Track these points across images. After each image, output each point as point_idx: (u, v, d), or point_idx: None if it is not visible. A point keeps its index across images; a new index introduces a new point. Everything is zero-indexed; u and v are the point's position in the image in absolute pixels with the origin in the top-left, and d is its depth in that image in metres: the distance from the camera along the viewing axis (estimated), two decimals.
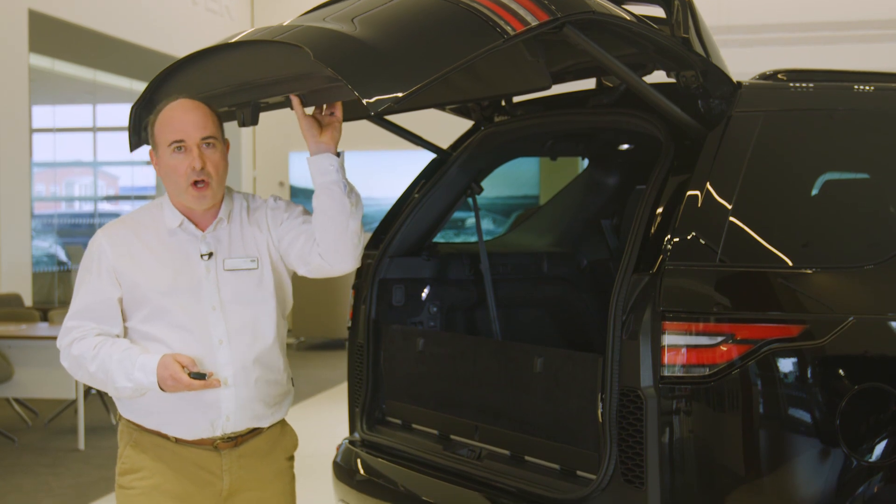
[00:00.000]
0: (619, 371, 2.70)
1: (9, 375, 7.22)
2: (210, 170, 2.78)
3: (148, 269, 2.82)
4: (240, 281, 2.84)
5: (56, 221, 15.87)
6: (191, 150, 2.76)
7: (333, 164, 2.78)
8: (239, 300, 2.83)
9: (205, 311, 2.79)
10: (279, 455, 2.97)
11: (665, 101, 2.87)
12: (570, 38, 2.62)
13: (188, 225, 2.85)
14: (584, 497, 2.78)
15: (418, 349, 3.57)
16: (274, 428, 2.95)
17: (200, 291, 2.80)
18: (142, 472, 2.84)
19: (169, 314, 2.78)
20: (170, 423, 2.81)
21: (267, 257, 2.89)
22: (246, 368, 2.80)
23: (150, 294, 2.79)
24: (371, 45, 2.48)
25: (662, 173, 2.89)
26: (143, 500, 2.84)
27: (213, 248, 2.84)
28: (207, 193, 2.79)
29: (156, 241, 2.85)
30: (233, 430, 2.82)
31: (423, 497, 3.32)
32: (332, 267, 2.84)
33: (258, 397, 2.83)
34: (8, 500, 5.98)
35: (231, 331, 2.80)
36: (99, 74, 13.81)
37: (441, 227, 3.92)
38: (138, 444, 2.86)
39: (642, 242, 2.78)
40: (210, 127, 2.80)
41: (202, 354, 2.76)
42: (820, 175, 3.08)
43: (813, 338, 2.66)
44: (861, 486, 2.67)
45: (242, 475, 2.87)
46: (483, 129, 3.81)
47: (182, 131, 2.77)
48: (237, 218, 2.91)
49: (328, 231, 2.80)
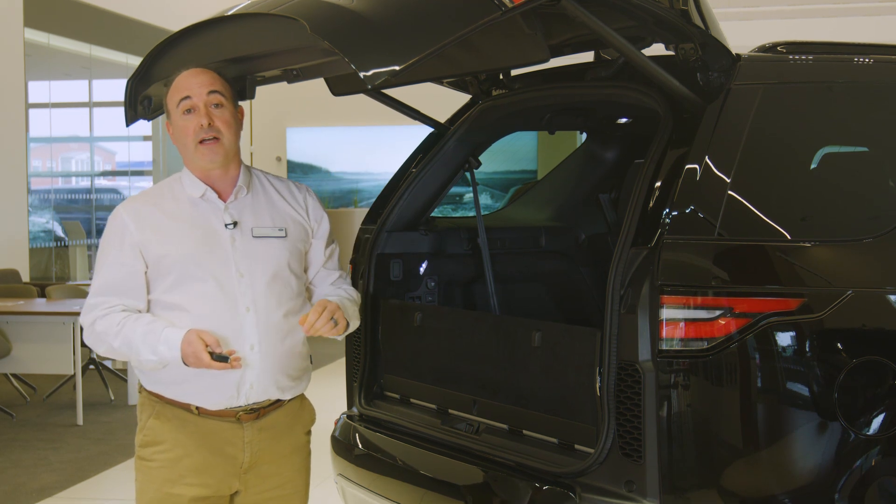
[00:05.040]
0: (617, 345, 2.70)
1: (7, 351, 7.23)
2: (219, 125, 2.81)
3: (173, 238, 2.82)
4: (267, 248, 2.86)
5: (53, 197, 15.82)
6: (198, 109, 2.79)
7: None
8: (265, 267, 2.85)
9: (231, 278, 2.81)
10: (299, 429, 3.00)
11: (664, 73, 2.85)
12: (567, 11, 2.60)
13: (211, 194, 2.87)
14: (583, 470, 2.79)
15: (416, 324, 3.57)
16: (294, 402, 2.97)
17: (226, 259, 2.82)
18: (163, 445, 2.85)
19: (195, 282, 2.79)
20: (194, 392, 2.82)
21: (298, 232, 2.94)
22: (271, 336, 2.82)
23: (176, 263, 2.80)
24: (367, 18, 2.47)
25: (661, 147, 2.88)
26: (163, 472, 2.85)
27: (237, 217, 2.86)
28: (218, 149, 2.81)
29: (178, 212, 2.86)
30: (256, 398, 2.84)
31: (422, 471, 3.33)
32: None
33: (281, 366, 2.85)
34: (7, 475, 6.00)
35: (258, 298, 2.82)
36: (95, 49, 13.73)
37: (439, 202, 3.91)
38: (160, 416, 2.87)
39: (640, 216, 2.77)
40: (216, 84, 2.83)
41: (228, 321, 2.78)
42: (819, 148, 3.07)
43: (811, 311, 2.66)
44: (859, 459, 2.68)
45: (263, 447, 2.89)
46: (481, 103, 3.79)
47: (188, 88, 2.81)
48: (259, 189, 2.94)
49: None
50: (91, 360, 8.24)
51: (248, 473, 2.89)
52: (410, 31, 2.46)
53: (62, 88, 16.19)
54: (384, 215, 3.77)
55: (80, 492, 5.73)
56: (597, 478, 2.76)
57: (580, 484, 2.79)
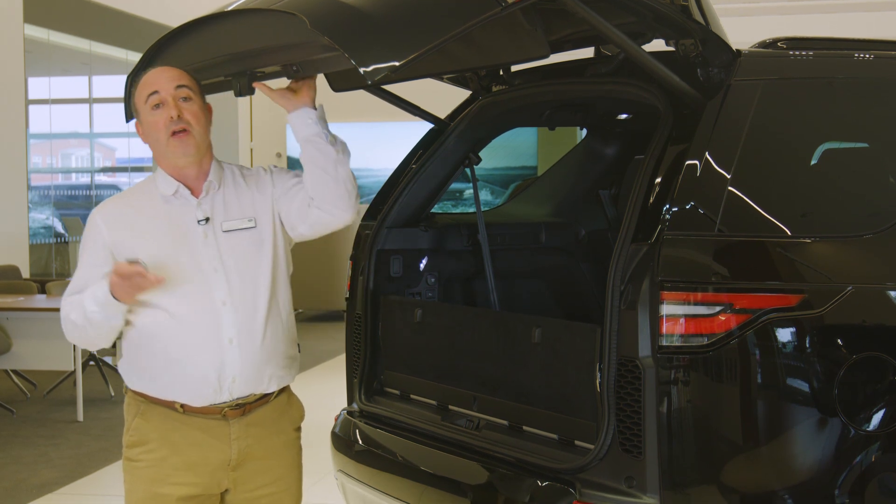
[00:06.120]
0: (617, 341, 2.70)
1: (7, 347, 7.23)
2: (188, 118, 2.81)
3: (146, 237, 2.83)
4: (239, 241, 2.86)
5: (53, 193, 15.83)
6: (167, 103, 2.80)
7: (312, 117, 2.86)
8: (240, 261, 2.85)
9: (206, 274, 2.81)
10: (287, 425, 2.99)
11: (664, 69, 2.85)
12: (567, 6, 2.59)
13: (183, 191, 2.87)
14: (583, 466, 2.79)
15: (416, 320, 3.57)
16: (281, 397, 2.96)
17: (200, 255, 2.82)
18: (149, 445, 2.85)
19: (170, 280, 2.79)
20: (177, 389, 2.82)
21: (268, 217, 2.92)
22: (250, 328, 2.82)
23: (150, 261, 2.79)
24: (367, 14, 2.47)
25: (661, 143, 2.88)
26: (150, 472, 2.84)
27: (209, 213, 2.86)
28: (189, 141, 2.81)
29: (152, 211, 2.87)
30: (240, 393, 2.83)
31: (422, 467, 3.33)
32: (332, 216, 2.88)
33: (263, 358, 2.85)
34: (7, 472, 6.00)
35: (234, 291, 2.82)
36: (94, 45, 13.73)
37: (439, 198, 3.90)
38: (145, 415, 2.87)
39: (641, 212, 2.77)
40: (184, 79, 2.84)
41: (205, 317, 2.78)
42: (819, 144, 3.07)
43: (811, 307, 2.66)
44: (859, 455, 2.68)
45: (251, 444, 2.89)
46: (481, 99, 3.79)
47: (155, 83, 2.82)
48: (230, 183, 2.93)
49: (319, 182, 2.85)
50: (91, 356, 8.24)
51: (236, 471, 2.88)
52: (410, 26, 2.45)
53: (62, 84, 16.18)
54: (384, 211, 3.77)
55: (80, 488, 5.73)
56: (597, 474, 2.76)
57: (580, 480, 2.79)
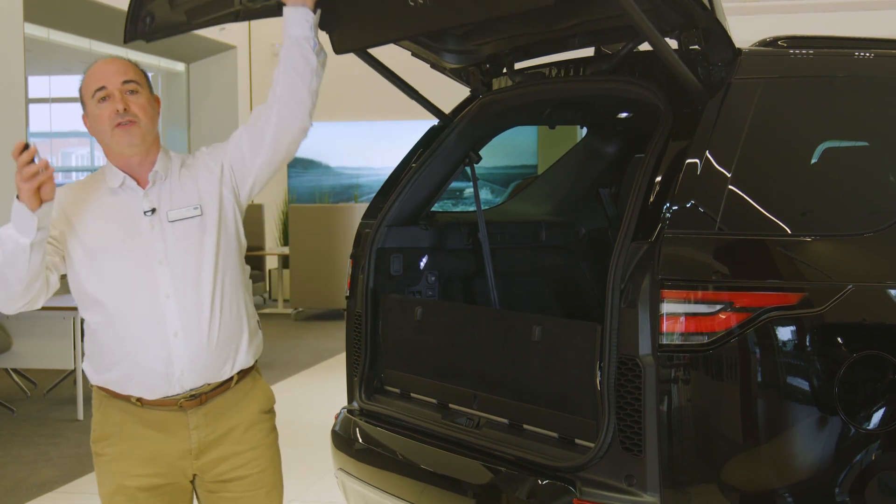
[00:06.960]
0: (617, 339, 2.70)
1: (7, 346, 7.23)
2: (135, 111, 2.80)
3: (92, 228, 2.83)
4: (184, 231, 2.84)
5: None
6: (113, 96, 2.79)
7: (309, 20, 2.88)
8: (185, 251, 2.83)
9: (150, 267, 2.80)
10: (250, 407, 2.96)
11: (673, 55, 2.82)
12: None
13: (130, 182, 2.86)
14: (583, 465, 2.79)
15: (416, 318, 3.57)
16: (244, 383, 2.95)
17: (145, 247, 2.81)
18: (110, 439, 2.89)
19: (112, 273, 2.79)
20: (130, 383, 2.83)
21: (214, 200, 2.89)
22: (196, 321, 2.81)
23: (95, 254, 2.81)
24: None
25: (661, 141, 2.87)
26: (114, 465, 2.88)
27: (156, 203, 2.85)
28: (135, 131, 2.80)
29: (99, 202, 2.86)
30: (192, 385, 2.83)
31: (422, 465, 3.33)
32: (283, 122, 2.88)
33: (212, 348, 2.83)
34: (7, 470, 6.00)
35: (177, 284, 2.80)
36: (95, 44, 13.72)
37: (439, 197, 3.90)
38: (106, 409, 2.90)
39: (641, 211, 2.76)
40: (130, 72, 2.84)
41: (149, 310, 2.78)
42: (820, 143, 3.07)
43: (812, 306, 2.66)
44: (859, 454, 2.68)
45: (210, 431, 2.89)
46: (481, 97, 3.79)
47: (103, 79, 2.81)
48: (175, 172, 2.91)
49: (289, 83, 2.86)
50: None
51: (200, 458, 2.89)
52: None
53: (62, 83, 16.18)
54: (384, 210, 3.77)
55: (80, 486, 5.73)
56: (597, 472, 2.76)
57: (580, 478, 2.79)
